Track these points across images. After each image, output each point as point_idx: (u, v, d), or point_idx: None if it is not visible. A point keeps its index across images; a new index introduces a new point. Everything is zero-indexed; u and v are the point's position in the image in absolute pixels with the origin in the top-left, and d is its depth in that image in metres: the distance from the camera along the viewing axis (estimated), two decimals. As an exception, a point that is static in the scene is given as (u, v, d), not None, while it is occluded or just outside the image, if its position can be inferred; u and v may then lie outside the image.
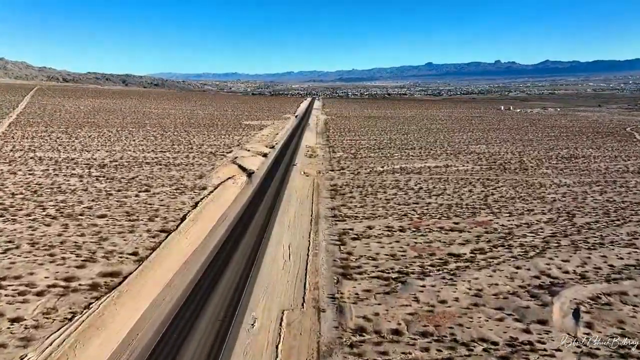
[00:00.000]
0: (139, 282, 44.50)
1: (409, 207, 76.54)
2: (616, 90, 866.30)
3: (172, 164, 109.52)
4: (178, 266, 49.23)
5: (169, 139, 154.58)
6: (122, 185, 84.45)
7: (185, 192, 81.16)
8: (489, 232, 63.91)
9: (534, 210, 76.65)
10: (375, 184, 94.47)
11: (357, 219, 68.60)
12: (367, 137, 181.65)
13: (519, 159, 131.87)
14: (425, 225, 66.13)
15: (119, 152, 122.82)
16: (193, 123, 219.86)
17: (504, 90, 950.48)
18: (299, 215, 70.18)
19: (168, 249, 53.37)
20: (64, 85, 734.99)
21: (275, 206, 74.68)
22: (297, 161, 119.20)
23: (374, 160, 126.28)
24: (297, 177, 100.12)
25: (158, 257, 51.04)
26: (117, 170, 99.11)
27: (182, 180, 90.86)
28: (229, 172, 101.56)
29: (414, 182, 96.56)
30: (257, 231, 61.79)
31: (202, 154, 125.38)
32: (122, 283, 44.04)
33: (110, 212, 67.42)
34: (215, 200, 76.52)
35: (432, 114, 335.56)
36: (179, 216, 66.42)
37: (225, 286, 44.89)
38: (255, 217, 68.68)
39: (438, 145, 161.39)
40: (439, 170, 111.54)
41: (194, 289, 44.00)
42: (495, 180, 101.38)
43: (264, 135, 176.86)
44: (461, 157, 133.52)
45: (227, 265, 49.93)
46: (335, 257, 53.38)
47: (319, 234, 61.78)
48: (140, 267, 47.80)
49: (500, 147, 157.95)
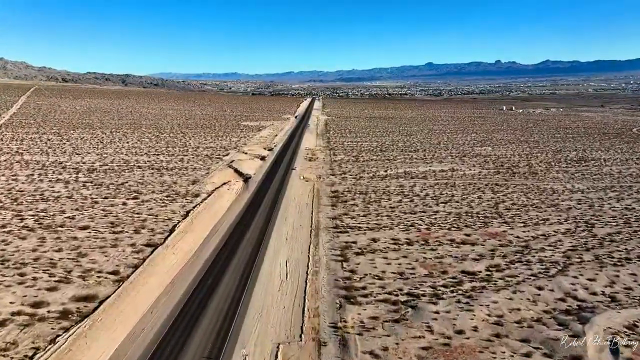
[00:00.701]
0: (116, 308, 39.43)
1: (415, 216, 71.46)
2: (618, 91, 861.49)
3: (165, 168, 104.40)
4: (162, 288, 44.14)
5: (164, 141, 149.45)
6: (110, 192, 79.34)
7: (177, 200, 76.05)
8: (504, 246, 58.84)
9: (550, 219, 71.56)
10: (379, 189, 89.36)
11: (360, 230, 63.52)
12: (368, 139, 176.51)
13: (527, 162, 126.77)
14: (434, 238, 61.05)
15: (110, 155, 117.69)
16: (190, 124, 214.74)
17: (504, 90, 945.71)
18: (298, 226, 65.08)
19: (152, 267, 48.29)
20: (63, 85, 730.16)
21: (273, 215, 69.58)
22: (297, 165, 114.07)
23: (376, 163, 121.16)
24: (296, 182, 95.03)
25: (140, 276, 45.97)
26: (107, 175, 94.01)
27: (174, 187, 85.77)
28: (225, 177, 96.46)
29: (420, 188, 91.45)
30: (252, 245, 56.70)
31: (197, 157, 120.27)
32: (96, 309, 38.97)
33: (93, 222, 62.33)
34: (208, 208, 71.42)
35: (434, 115, 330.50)
36: (168, 227, 61.34)
37: (214, 313, 39.79)
38: (251, 228, 63.58)
39: (442, 147, 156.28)
40: (445, 175, 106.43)
41: (178, 316, 38.92)
42: (505, 185, 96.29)
43: (263, 137, 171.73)
44: (467, 160, 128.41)
45: (217, 287, 44.85)
46: (338, 276, 48.32)
47: (320, 247, 56.70)
48: (120, 289, 42.71)
49: (506, 149, 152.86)
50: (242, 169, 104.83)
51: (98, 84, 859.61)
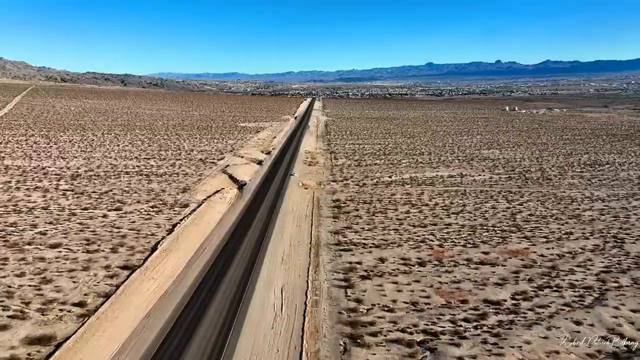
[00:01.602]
0: (75, 354, 32.76)
1: (425, 229, 64.75)
2: (619, 91, 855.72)
3: (155, 173, 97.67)
4: (134, 325, 37.44)
5: (157, 144, 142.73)
6: (91, 202, 72.59)
7: (163, 211, 69.33)
8: (528, 266, 52.13)
9: (573, 233, 64.86)
10: (384, 198, 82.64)
11: (365, 248, 56.82)
12: (370, 141, 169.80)
13: (539, 167, 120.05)
14: (448, 257, 54.36)
15: (97, 160, 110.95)
16: (186, 125, 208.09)
17: (505, 91, 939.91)
18: (296, 242, 58.37)
19: (126, 296, 41.62)
20: (61, 85, 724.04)
21: (268, 230, 62.87)
22: (295, 170, 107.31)
23: (380, 168, 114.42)
24: (294, 190, 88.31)
25: (111, 309, 39.30)
26: (90, 182, 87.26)
27: (162, 195, 79.03)
28: (218, 184, 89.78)
29: (428, 196, 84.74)
30: (243, 267, 49.98)
31: (190, 162, 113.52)
32: (51, 356, 32.31)
33: (67, 239, 55.63)
34: (197, 221, 64.72)
35: (436, 115, 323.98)
36: (150, 245, 54.63)
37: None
38: (243, 245, 56.85)
39: (448, 150, 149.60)
40: (454, 181, 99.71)
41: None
42: (519, 193, 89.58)
43: (260, 139, 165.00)
44: (475, 165, 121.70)
45: (200, 323, 38.15)
46: (341, 307, 41.62)
47: (320, 270, 49.99)
48: (83, 327, 36.03)
49: (514, 152, 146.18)
50: (237, 174, 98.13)
51: (97, 84, 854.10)
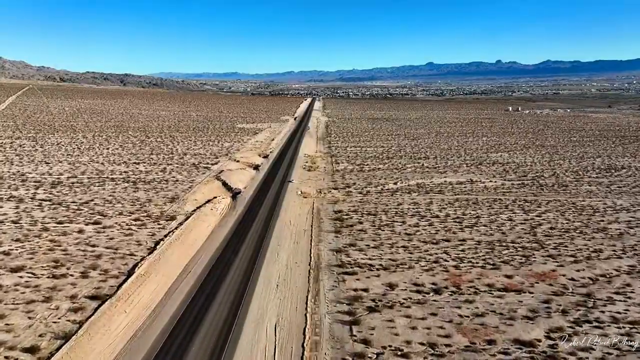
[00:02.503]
0: None
1: (438, 247, 58.06)
2: (621, 91, 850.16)
3: (143, 180, 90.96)
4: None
5: (149, 147, 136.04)
6: (68, 215, 65.88)
7: (147, 225, 62.62)
8: (559, 294, 45.44)
9: (603, 250, 58.19)
10: (390, 208, 75.91)
11: (372, 270, 50.11)
12: (373, 143, 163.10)
13: (552, 172, 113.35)
14: (467, 281, 47.67)
15: (83, 165, 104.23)
16: (182, 126, 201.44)
17: (507, 91, 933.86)
18: (293, 263, 51.65)
19: (89, 338, 34.93)
20: (59, 85, 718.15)
21: (262, 248, 56.15)
22: (294, 176, 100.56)
23: (384, 173, 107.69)
24: (292, 199, 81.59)
25: (69, 356, 32.61)
26: (71, 190, 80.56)
27: (148, 206, 72.30)
28: (210, 192, 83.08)
29: (438, 206, 78.01)
30: (232, 296, 43.27)
31: (182, 167, 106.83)
32: None
33: (32, 260, 48.93)
34: (184, 238, 58.01)
35: (438, 116, 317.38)
36: (126, 268, 47.94)
37: None
38: (233, 268, 50.13)
39: (454, 153, 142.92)
40: (464, 188, 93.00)
41: None
42: (536, 202, 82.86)
43: (258, 142, 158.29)
44: (484, 169, 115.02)
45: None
46: (346, 352, 34.92)
47: (321, 299, 43.29)
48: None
49: (524, 156, 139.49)
50: (232, 181, 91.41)
51: (96, 83, 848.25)
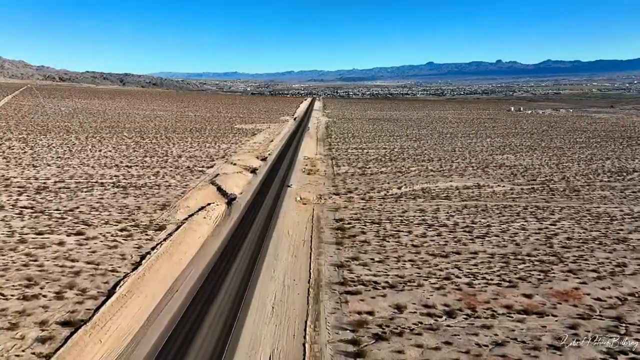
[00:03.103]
0: None
1: (448, 260, 53.54)
2: (622, 91, 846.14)
3: (134, 185, 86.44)
4: None
5: (143, 149, 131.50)
6: (50, 224, 61.35)
7: (133, 236, 58.11)
8: (586, 317, 40.91)
9: (627, 264, 53.67)
10: (395, 216, 71.36)
11: (377, 289, 45.58)
12: (374, 145, 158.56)
13: (561, 175, 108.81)
14: (482, 303, 43.15)
15: (72, 168, 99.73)
16: (179, 127, 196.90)
17: (507, 90, 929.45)
18: (290, 281, 47.13)
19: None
20: (58, 84, 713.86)
21: (257, 263, 51.59)
22: (293, 180, 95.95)
23: (387, 177, 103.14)
24: (291, 205, 77.03)
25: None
26: (57, 196, 76.05)
27: (136, 214, 67.77)
28: (204, 198, 78.54)
29: (445, 214, 73.47)
30: (222, 321, 38.72)
31: (176, 170, 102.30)
32: None
33: (3, 279, 44.38)
34: (172, 251, 53.49)
35: (440, 116, 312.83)
36: (107, 287, 43.44)
37: None
38: (225, 286, 45.59)
39: (458, 155, 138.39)
40: (471, 193, 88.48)
41: None
42: (548, 209, 78.32)
43: (257, 143, 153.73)
44: (491, 173, 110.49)
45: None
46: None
47: (321, 325, 38.75)
48: None
49: (531, 158, 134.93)
50: (227, 186, 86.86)
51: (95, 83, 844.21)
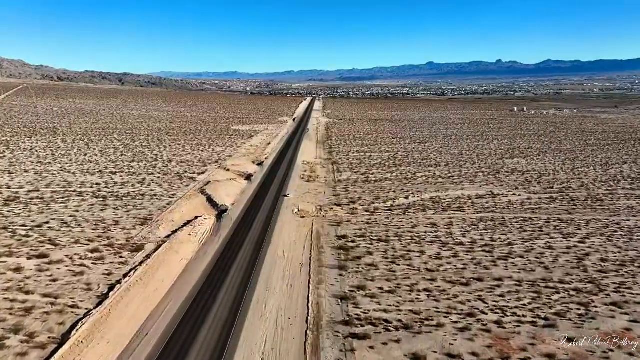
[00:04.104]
0: None
1: (470, 290, 45.82)
2: (624, 90, 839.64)
3: (115, 194, 78.71)
4: None
5: (132, 152, 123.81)
6: (11, 244, 53.58)
7: (105, 258, 50.38)
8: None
9: (677, 294, 46.01)
10: (404, 232, 63.66)
11: (389, 330, 37.89)
12: (377, 148, 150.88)
13: (579, 182, 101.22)
14: (518, 350, 35.43)
15: (52, 175, 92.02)
16: (173, 128, 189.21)
17: (508, 90, 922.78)
18: (285, 321, 39.38)
19: None
20: (55, 84, 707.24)
21: (246, 293, 43.82)
22: (290, 189, 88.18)
23: (392, 184, 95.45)
24: (288, 219, 69.29)
25: None
26: (27, 208, 68.32)
27: (113, 230, 60.03)
28: (191, 210, 70.83)
29: (460, 229, 65.77)
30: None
31: (164, 177, 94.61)
32: None
33: (-62, 318, 36.70)
34: (147, 278, 45.76)
35: (442, 116, 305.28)
36: (62, 330, 35.72)
37: None
38: (205, 327, 37.79)
39: (466, 159, 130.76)
40: (486, 204, 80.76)
41: None
42: (573, 222, 70.60)
43: (253, 146, 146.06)
44: (504, 179, 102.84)
45: None
46: None
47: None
48: None
49: (543, 163, 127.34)
50: (218, 196, 79.15)
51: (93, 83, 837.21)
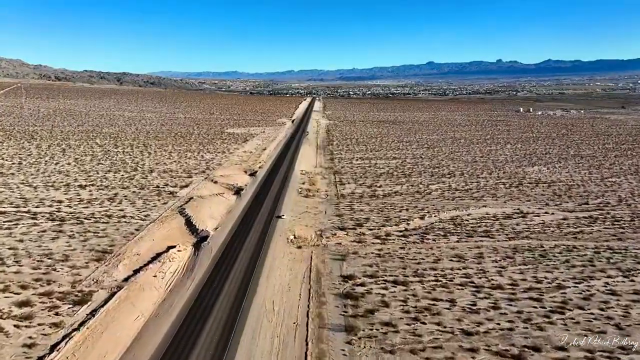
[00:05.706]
0: None
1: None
2: (627, 90, 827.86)
3: (76, 216, 66.00)
4: None
5: (111, 160, 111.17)
6: None
7: (34, 318, 37.80)
8: None
9: None
10: (426, 269, 51.02)
11: None
12: (383, 154, 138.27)
13: (615, 196, 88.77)
14: None
15: (8, 190, 79.34)
16: (162, 132, 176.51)
17: (510, 90, 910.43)
18: None
19: None
20: (51, 83, 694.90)
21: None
22: (286, 207, 75.41)
23: (404, 200, 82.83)
24: (281, 250, 56.64)
25: None
26: (-40, 237, 55.75)
27: (58, 270, 47.35)
28: (164, 237, 58.16)
29: (493, 263, 53.16)
30: None
31: (140, 192, 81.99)
32: None
33: None
34: (87, 350, 33.11)
35: (447, 118, 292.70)
36: None
37: None
38: None
39: (482, 166, 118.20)
40: (517, 227, 68.11)
41: None
42: (627, 252, 57.97)
43: (247, 152, 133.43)
44: (529, 192, 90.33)
45: None
46: None
47: None
48: None
49: (567, 171, 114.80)
50: (199, 218, 66.47)
51: (91, 82, 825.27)
